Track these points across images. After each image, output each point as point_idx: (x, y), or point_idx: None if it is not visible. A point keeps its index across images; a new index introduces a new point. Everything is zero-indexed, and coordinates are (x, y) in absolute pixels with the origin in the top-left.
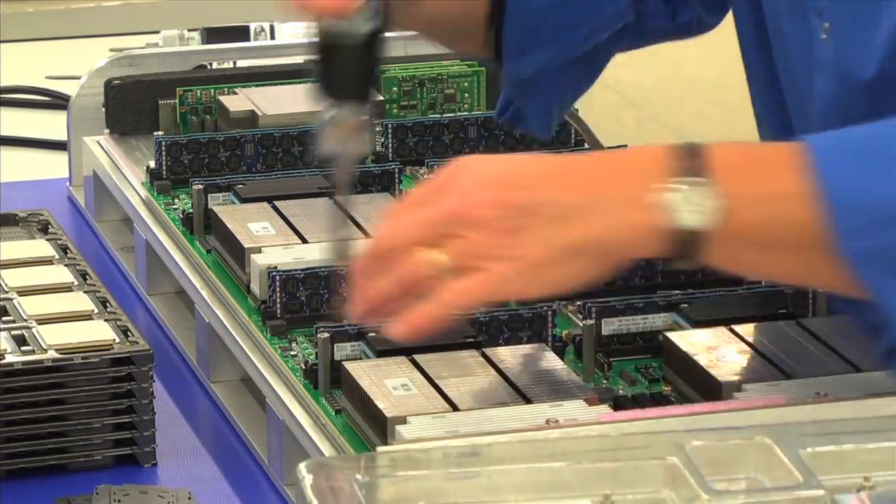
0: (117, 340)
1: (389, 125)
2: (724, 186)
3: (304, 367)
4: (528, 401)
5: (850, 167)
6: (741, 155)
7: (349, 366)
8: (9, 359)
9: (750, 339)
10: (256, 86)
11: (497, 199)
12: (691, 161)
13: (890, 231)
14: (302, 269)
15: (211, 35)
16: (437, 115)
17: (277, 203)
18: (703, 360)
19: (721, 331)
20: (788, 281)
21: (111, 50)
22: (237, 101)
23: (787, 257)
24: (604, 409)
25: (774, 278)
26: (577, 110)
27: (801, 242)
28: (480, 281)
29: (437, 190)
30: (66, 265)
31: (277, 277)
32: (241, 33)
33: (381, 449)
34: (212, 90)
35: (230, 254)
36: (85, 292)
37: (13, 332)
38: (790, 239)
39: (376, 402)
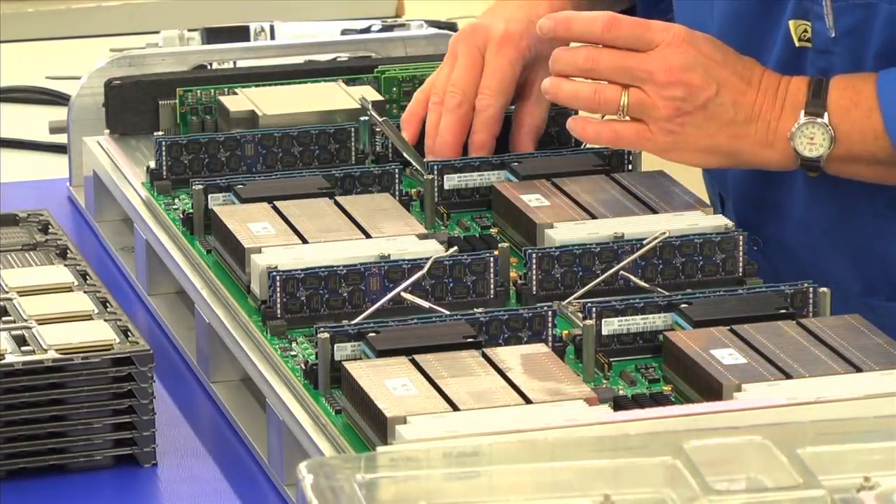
0: (117, 340)
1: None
2: (835, 125)
3: (304, 367)
4: (528, 401)
5: None
6: (847, 97)
7: (349, 366)
8: (9, 359)
9: (750, 339)
10: (256, 86)
11: (688, 82)
12: (816, 100)
13: None
14: (302, 269)
15: (211, 35)
16: None
17: (277, 203)
18: (703, 360)
19: (721, 331)
20: (885, 182)
21: (111, 50)
22: (237, 101)
23: (881, 169)
24: (604, 409)
25: (873, 181)
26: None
27: (887, 158)
28: (636, 132)
29: (649, 42)
30: (66, 265)
31: (277, 277)
32: (241, 33)
33: (381, 449)
34: (212, 90)
35: (230, 254)
36: (85, 292)
37: (13, 332)
38: (880, 156)
39: (376, 402)
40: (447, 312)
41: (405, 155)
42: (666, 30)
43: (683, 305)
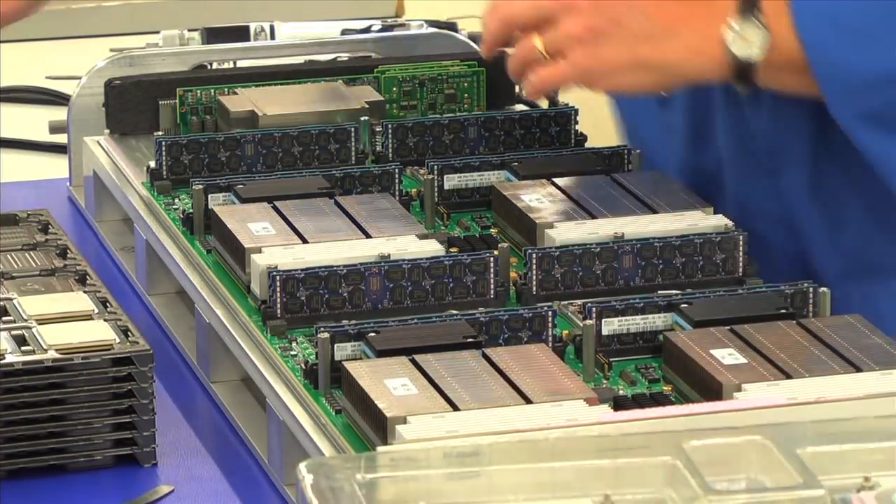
0: (117, 340)
1: (389, 125)
2: (770, 25)
3: (304, 367)
4: (528, 401)
5: (833, 40)
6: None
7: (349, 366)
8: (9, 359)
9: (750, 339)
10: (256, 86)
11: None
12: (747, 3)
13: (870, 98)
14: (302, 269)
15: (211, 35)
16: (437, 115)
17: (277, 203)
18: (703, 360)
19: (721, 331)
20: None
21: (111, 50)
22: (237, 101)
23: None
24: (604, 409)
25: (811, 95)
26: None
27: None
28: (561, 69)
29: None
30: (66, 266)
31: (277, 277)
32: (241, 33)
33: (381, 449)
34: (212, 90)
35: (230, 254)
36: (85, 292)
37: (13, 332)
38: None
39: (376, 402)
40: None
41: None
42: None
43: (683, 305)
